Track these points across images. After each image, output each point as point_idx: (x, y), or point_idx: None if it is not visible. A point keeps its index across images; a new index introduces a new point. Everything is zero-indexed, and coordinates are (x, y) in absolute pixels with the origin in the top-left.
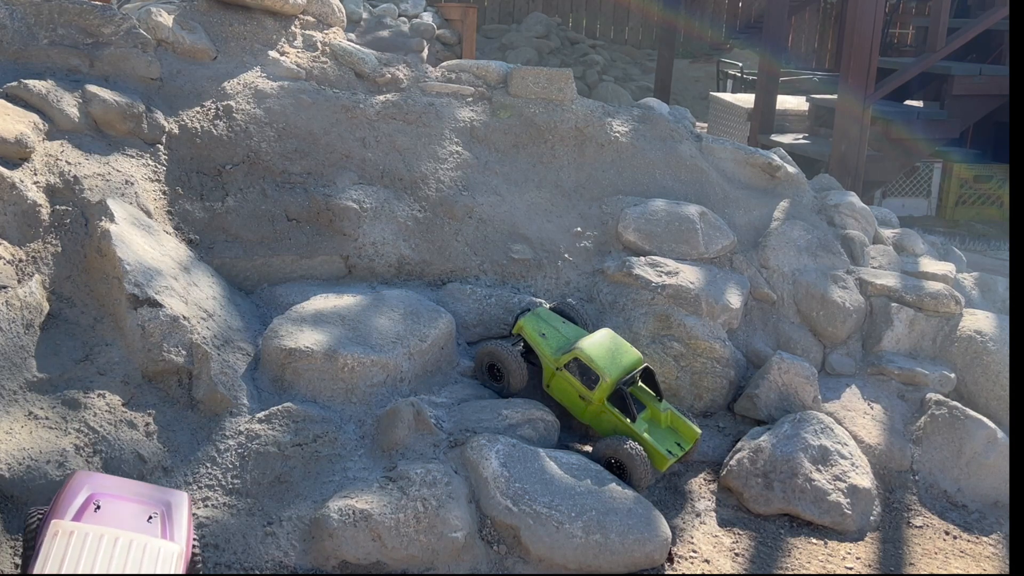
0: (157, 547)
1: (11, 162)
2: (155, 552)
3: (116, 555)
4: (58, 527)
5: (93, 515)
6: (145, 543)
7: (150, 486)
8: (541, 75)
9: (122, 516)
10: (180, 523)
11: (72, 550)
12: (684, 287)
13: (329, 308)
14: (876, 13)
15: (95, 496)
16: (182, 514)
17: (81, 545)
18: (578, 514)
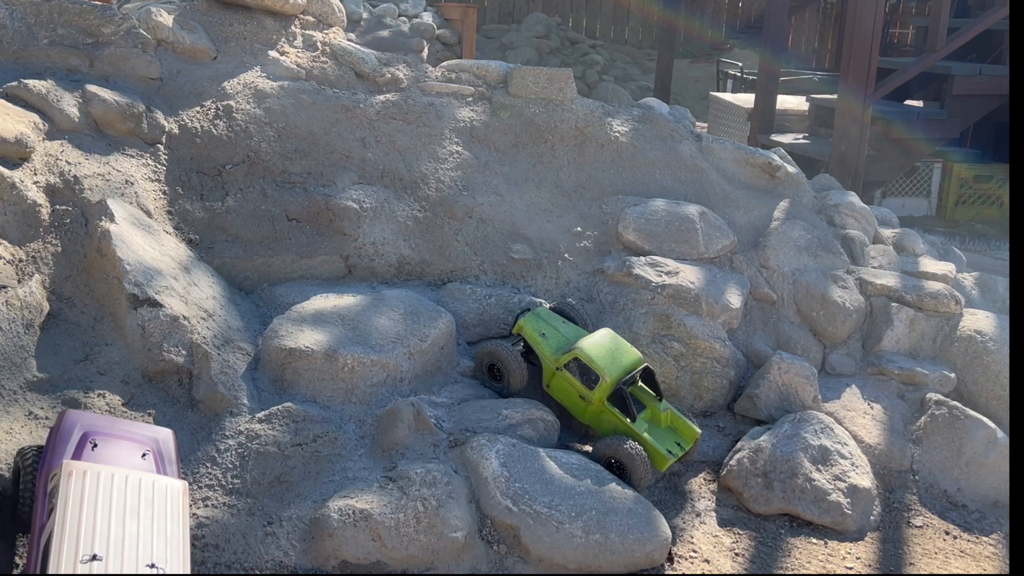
0: (164, 484)
1: (11, 162)
2: (163, 489)
3: (129, 492)
4: (72, 467)
5: (92, 453)
6: (153, 480)
7: (136, 423)
8: (541, 75)
9: (119, 454)
10: (171, 459)
11: (89, 489)
12: (684, 287)
13: (329, 308)
14: (876, 13)
15: (89, 435)
16: (171, 450)
17: (96, 484)
18: (578, 514)
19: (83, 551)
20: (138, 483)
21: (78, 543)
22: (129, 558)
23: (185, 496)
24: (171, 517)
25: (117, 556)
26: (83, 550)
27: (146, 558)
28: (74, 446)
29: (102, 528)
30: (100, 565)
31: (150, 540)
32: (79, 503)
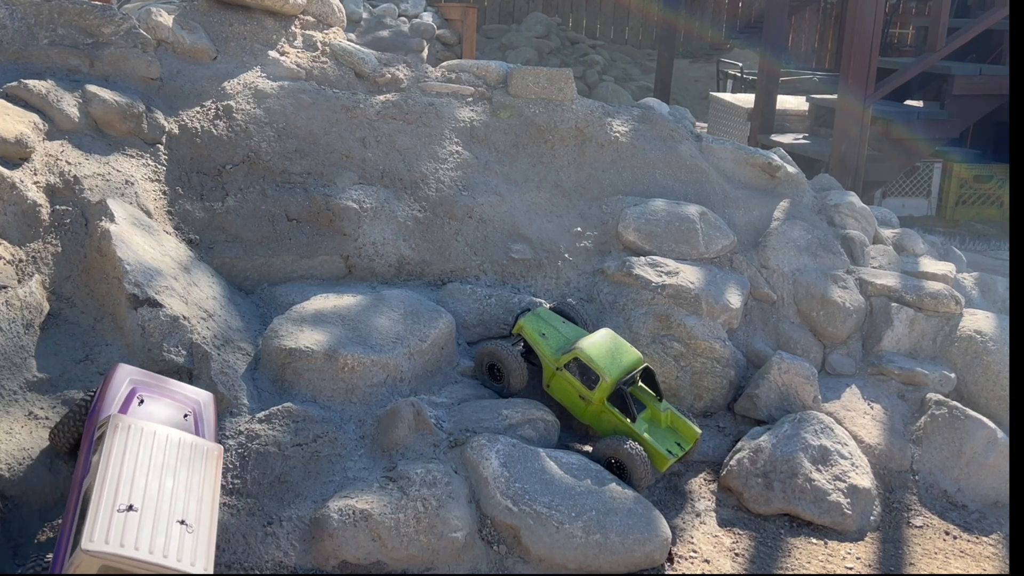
0: (203, 446)
1: (11, 162)
2: (201, 451)
3: (168, 450)
4: (118, 421)
5: (138, 408)
6: (192, 441)
7: (181, 384)
8: (541, 75)
9: (163, 412)
10: (209, 422)
11: (132, 443)
12: (684, 287)
13: (329, 308)
14: (876, 13)
15: (137, 391)
16: (210, 414)
17: (139, 439)
18: (578, 514)
19: (120, 501)
20: (178, 442)
21: (117, 493)
22: (162, 513)
23: (219, 460)
24: (205, 478)
25: (151, 509)
26: (121, 500)
27: (178, 514)
28: (122, 400)
29: (140, 481)
30: (135, 516)
31: (183, 498)
32: (121, 455)
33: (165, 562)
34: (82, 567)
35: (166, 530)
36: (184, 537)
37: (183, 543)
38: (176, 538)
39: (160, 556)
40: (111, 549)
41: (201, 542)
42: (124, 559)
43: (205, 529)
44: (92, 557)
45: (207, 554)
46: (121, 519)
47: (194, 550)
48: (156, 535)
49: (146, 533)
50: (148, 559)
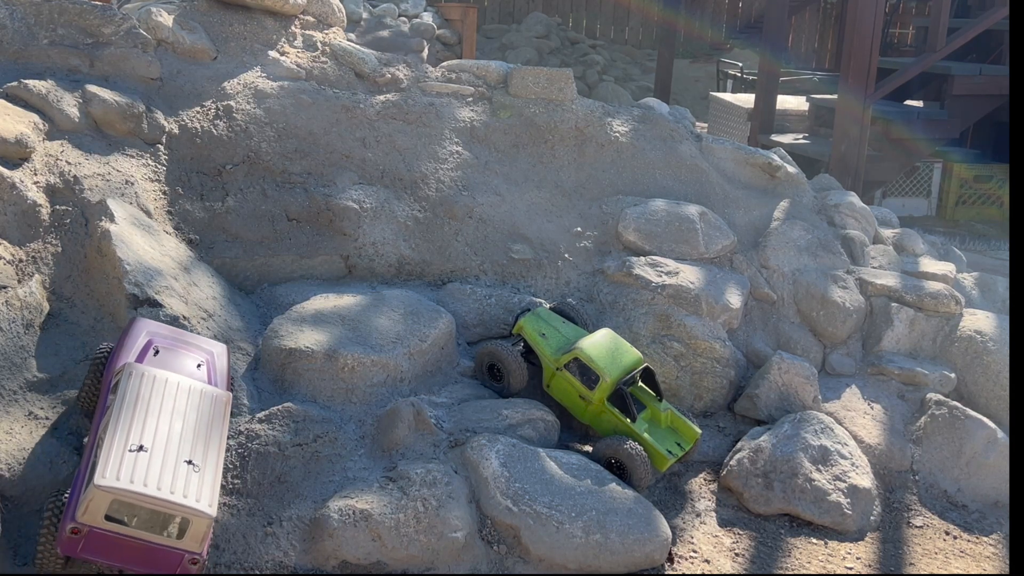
0: (212, 393)
1: (11, 162)
2: (210, 397)
3: (179, 396)
4: (132, 368)
5: (154, 359)
6: (202, 388)
7: (196, 336)
8: (541, 75)
9: (177, 362)
10: (222, 372)
11: (144, 388)
12: (684, 287)
13: (329, 308)
14: (876, 13)
15: (154, 342)
16: (223, 364)
17: (152, 385)
18: (578, 514)
19: (132, 442)
20: (188, 389)
21: (128, 434)
22: (171, 453)
23: (228, 406)
24: (213, 423)
25: (160, 450)
26: (132, 441)
27: (185, 455)
28: (139, 350)
29: (151, 424)
30: (145, 456)
31: (192, 440)
32: (134, 400)
33: (172, 498)
34: (95, 501)
35: (174, 469)
36: (191, 476)
37: (189, 481)
38: (183, 477)
39: (167, 492)
40: (121, 485)
41: (206, 482)
42: (133, 494)
43: (211, 470)
44: (104, 492)
45: (212, 494)
46: (132, 458)
47: (199, 488)
48: (164, 473)
49: (155, 471)
50: (156, 495)
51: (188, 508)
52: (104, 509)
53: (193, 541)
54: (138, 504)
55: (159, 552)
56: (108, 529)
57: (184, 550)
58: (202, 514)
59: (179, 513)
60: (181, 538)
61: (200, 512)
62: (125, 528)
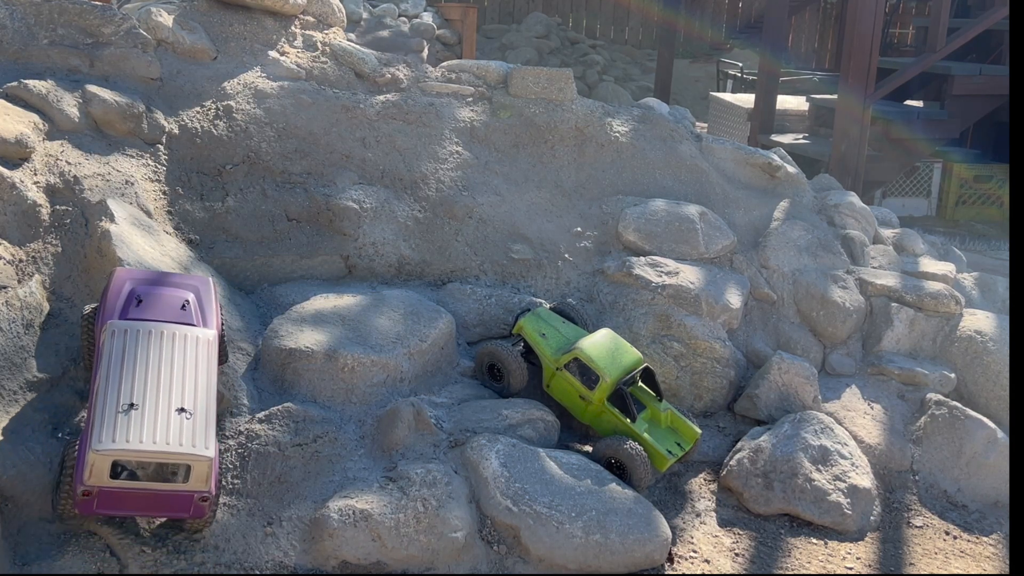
0: (196, 335)
1: (11, 162)
2: (195, 339)
3: (164, 345)
4: (113, 327)
5: (136, 309)
6: (186, 332)
7: (179, 275)
8: (541, 75)
9: (160, 306)
10: (210, 307)
11: (129, 344)
12: (684, 287)
13: (329, 308)
14: (876, 13)
15: (135, 291)
16: (210, 299)
17: (136, 340)
18: (578, 514)
19: (122, 401)
20: (172, 336)
21: (119, 394)
22: (163, 405)
23: (214, 344)
24: (200, 365)
25: (152, 403)
26: (122, 400)
27: (177, 403)
28: (122, 303)
29: (139, 379)
30: (136, 413)
31: (181, 387)
32: (120, 359)
33: (168, 449)
34: (96, 465)
35: (167, 420)
36: (184, 424)
37: (183, 429)
38: (177, 426)
39: (163, 444)
40: (118, 446)
41: (200, 426)
42: (131, 452)
43: (203, 413)
44: (103, 455)
45: (207, 435)
46: (125, 419)
47: (194, 433)
48: (158, 427)
49: (148, 426)
50: (153, 448)
51: (186, 455)
52: (107, 470)
53: (199, 482)
54: (139, 459)
55: (169, 496)
56: (116, 486)
57: (192, 491)
58: (201, 457)
59: (179, 461)
60: (187, 481)
61: (198, 456)
62: (132, 482)
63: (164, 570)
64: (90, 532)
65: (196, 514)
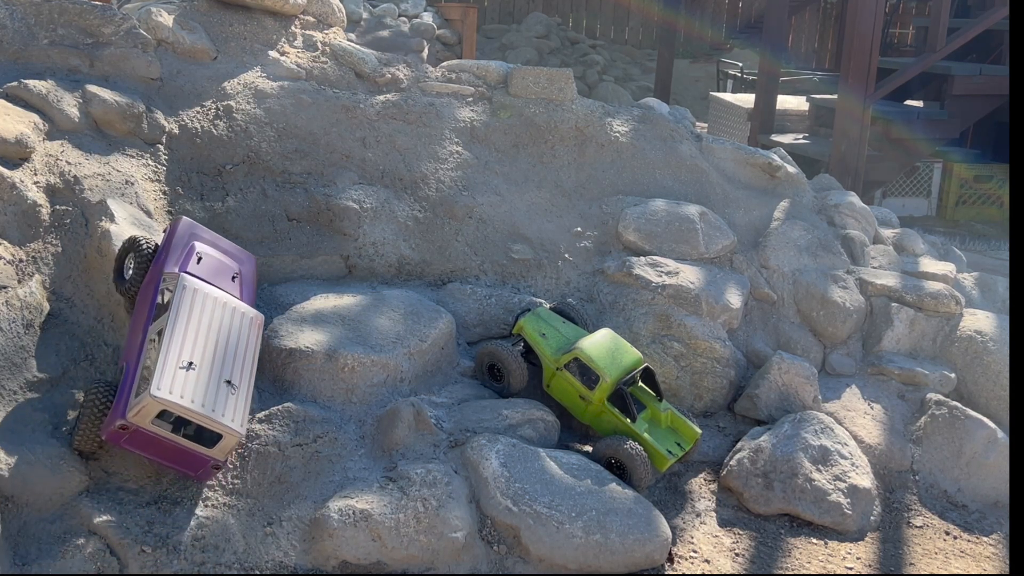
0: (249, 315)
1: (11, 162)
2: (248, 319)
3: (224, 316)
4: (186, 282)
5: (197, 266)
6: (243, 311)
7: (231, 244)
8: (541, 75)
9: (216, 271)
10: (251, 285)
11: (197, 306)
12: (684, 287)
13: (329, 308)
14: (876, 13)
15: (196, 247)
16: (252, 277)
17: (203, 303)
18: (578, 514)
19: (183, 358)
20: (232, 310)
21: (181, 350)
22: (215, 372)
23: (260, 328)
24: (248, 344)
25: (207, 368)
26: (184, 357)
27: (227, 375)
28: (184, 255)
29: (200, 342)
30: (193, 373)
31: (232, 360)
32: (188, 315)
33: (213, 416)
34: (147, 408)
35: (216, 388)
36: (228, 396)
37: (227, 401)
38: (223, 396)
39: (209, 410)
40: (173, 398)
41: (240, 402)
42: (181, 407)
43: (244, 391)
44: (156, 402)
45: (243, 415)
46: (183, 374)
47: (235, 409)
48: (208, 391)
49: (201, 388)
50: (200, 411)
51: (224, 426)
52: (152, 415)
53: (220, 452)
54: (182, 415)
55: (190, 455)
56: (152, 430)
57: (211, 457)
58: (235, 433)
59: (217, 430)
60: (211, 447)
61: (233, 431)
62: (167, 432)
63: (164, 570)
64: (90, 532)
65: (202, 477)
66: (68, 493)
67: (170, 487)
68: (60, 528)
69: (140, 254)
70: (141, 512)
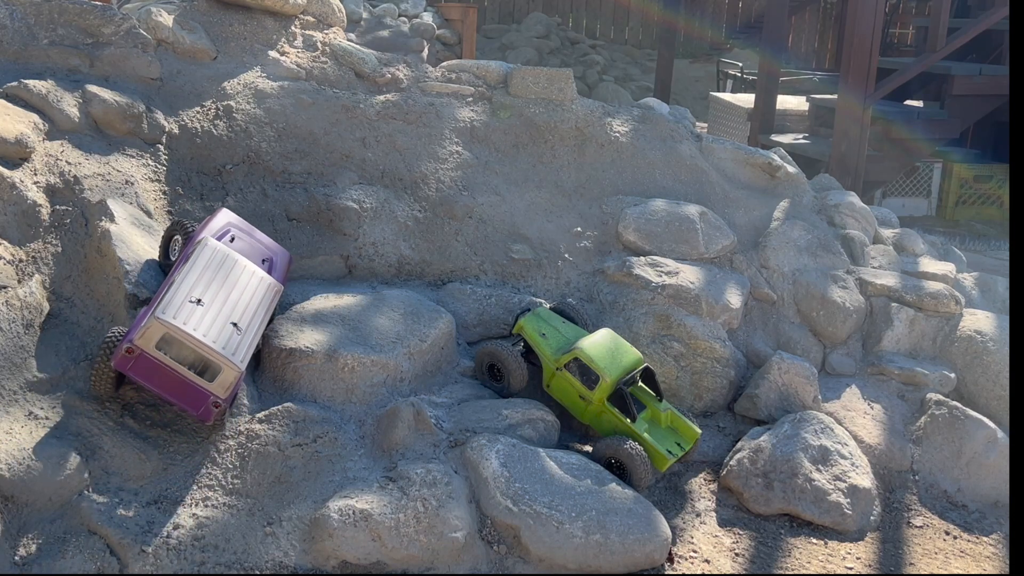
0: (268, 281)
1: (11, 162)
2: (267, 283)
3: (241, 273)
4: (207, 242)
5: (229, 244)
6: (261, 275)
7: (268, 237)
8: (541, 75)
9: (248, 252)
10: (280, 271)
11: (213, 258)
12: (684, 287)
13: (329, 308)
14: (876, 13)
15: (231, 230)
16: (283, 265)
17: (220, 258)
18: (578, 514)
19: (193, 295)
20: (251, 272)
21: (192, 288)
22: (222, 314)
23: (277, 295)
24: (263, 303)
25: (215, 309)
26: (193, 294)
27: (234, 318)
28: (219, 233)
29: (212, 287)
30: (201, 308)
31: (242, 310)
32: (204, 265)
33: (213, 346)
34: (151, 329)
35: (221, 326)
36: (233, 335)
37: (231, 338)
38: (227, 334)
39: (210, 341)
40: (176, 323)
41: (244, 344)
42: (183, 332)
43: (250, 336)
44: (160, 323)
45: (246, 353)
46: (190, 307)
47: (237, 346)
48: (213, 326)
49: (205, 322)
50: (202, 339)
51: (222, 357)
52: (156, 339)
53: (220, 387)
54: (183, 341)
55: (191, 388)
56: (156, 357)
57: (211, 392)
58: (233, 365)
59: (214, 359)
60: (211, 381)
61: (232, 363)
62: (168, 359)
63: (164, 570)
64: (90, 532)
65: (203, 416)
66: (68, 493)
67: (170, 487)
68: (60, 528)
69: (186, 234)
70: (141, 512)
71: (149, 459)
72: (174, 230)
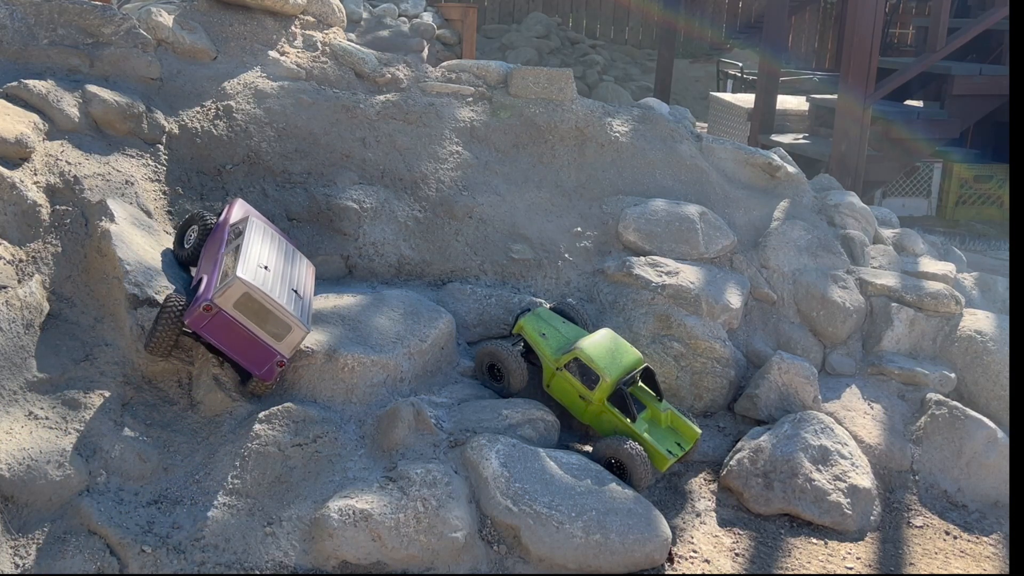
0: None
1: (11, 162)
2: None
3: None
4: (253, 220)
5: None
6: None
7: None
8: (541, 75)
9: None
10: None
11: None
12: (684, 287)
13: (329, 308)
14: (876, 13)
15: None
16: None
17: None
18: (578, 514)
19: (260, 262)
20: (292, 249)
21: (258, 256)
22: (285, 279)
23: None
24: (307, 275)
25: (278, 275)
26: (260, 261)
27: (293, 284)
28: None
29: (271, 256)
30: (269, 273)
31: (297, 279)
32: (258, 238)
33: (287, 307)
34: (232, 288)
35: (286, 290)
36: (296, 300)
37: (295, 303)
38: (292, 299)
39: (284, 303)
40: (256, 283)
41: (306, 309)
42: (262, 293)
43: (307, 302)
44: (242, 283)
45: (308, 317)
46: (261, 271)
47: (302, 310)
48: (281, 290)
49: (275, 287)
50: (277, 299)
51: (294, 319)
52: (235, 298)
53: (287, 347)
54: (262, 301)
55: (260, 347)
56: (233, 315)
57: (278, 351)
58: (302, 327)
59: (288, 320)
60: (280, 341)
61: (301, 325)
62: (244, 317)
63: (164, 570)
64: (90, 532)
65: (266, 376)
66: (68, 493)
67: (170, 487)
68: (60, 528)
69: (204, 224)
70: (141, 512)
71: (149, 459)
72: (192, 220)
